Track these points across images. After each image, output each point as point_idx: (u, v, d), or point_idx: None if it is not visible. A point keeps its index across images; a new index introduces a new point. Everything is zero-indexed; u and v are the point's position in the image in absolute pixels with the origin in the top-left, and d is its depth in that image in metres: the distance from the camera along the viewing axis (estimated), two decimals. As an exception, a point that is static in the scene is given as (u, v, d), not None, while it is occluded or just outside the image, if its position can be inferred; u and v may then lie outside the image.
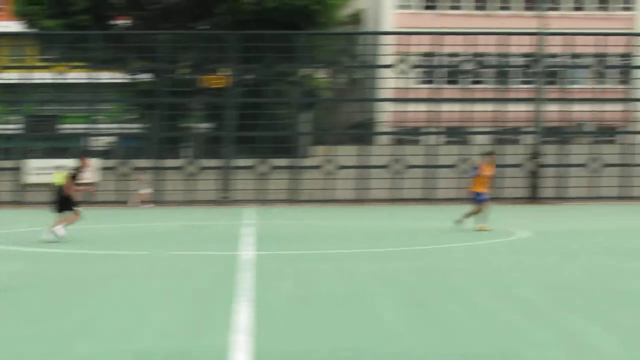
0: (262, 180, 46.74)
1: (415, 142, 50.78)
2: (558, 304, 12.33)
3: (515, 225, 27.70)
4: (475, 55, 49.42)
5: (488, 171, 26.26)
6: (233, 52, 46.81)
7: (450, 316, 11.38)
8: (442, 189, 46.80)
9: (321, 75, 57.84)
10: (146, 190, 45.68)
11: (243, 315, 11.21)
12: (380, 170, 46.74)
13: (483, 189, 26.23)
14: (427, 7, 55.72)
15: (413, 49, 49.27)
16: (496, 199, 46.26)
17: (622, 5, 55.92)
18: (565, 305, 12.29)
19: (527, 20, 52.57)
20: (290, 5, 50.61)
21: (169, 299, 12.88)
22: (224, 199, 46.00)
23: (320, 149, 47.54)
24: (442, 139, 50.43)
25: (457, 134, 50.14)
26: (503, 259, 18.46)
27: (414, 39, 48.58)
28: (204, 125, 51.83)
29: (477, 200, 26.21)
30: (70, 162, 32.13)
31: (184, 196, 46.37)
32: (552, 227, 26.47)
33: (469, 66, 49.20)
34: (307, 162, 47.40)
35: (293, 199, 46.40)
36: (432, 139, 48.40)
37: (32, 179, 46.73)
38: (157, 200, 45.96)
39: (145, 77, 51.45)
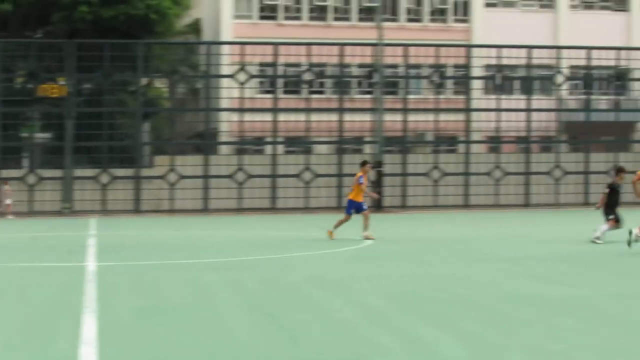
0: (104, 191, 45.98)
1: (258, 152, 50.77)
2: (404, 311, 12.46)
3: (360, 234, 27.88)
4: (315, 65, 49.72)
5: (365, 180, 26.47)
6: (70, 61, 45.90)
7: (298, 324, 11.36)
8: (284, 198, 46.89)
9: (161, 84, 57.38)
10: (9, 201, 44.27)
11: (88, 327, 10.97)
12: (223, 180, 46.52)
13: (362, 199, 26.37)
14: (266, 17, 55.82)
15: (252, 59, 49.29)
16: (340, 208, 46.67)
17: (458, 17, 57.18)
18: (411, 312, 12.43)
19: (365, 31, 53.20)
20: (127, 15, 50.07)
21: (14, 311, 12.51)
22: (66, 210, 45.02)
23: (163, 159, 47.05)
24: (284, 148, 50.54)
25: (298, 144, 50.33)
26: (349, 267, 18.56)
27: (253, 48, 48.60)
28: (42, 135, 50.64)
29: (361, 209, 26.26)
30: None
31: (27, 207, 45.17)
32: (397, 235, 26.81)
33: (308, 76, 49.44)
34: (150, 172, 46.84)
35: (136, 210, 45.76)
36: (274, 149, 48.41)
37: None
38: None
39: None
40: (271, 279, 16.22)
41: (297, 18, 55.99)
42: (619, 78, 53.29)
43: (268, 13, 55.75)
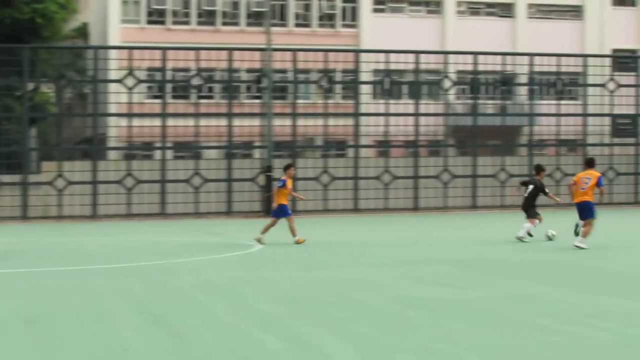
0: (-10, 197, 45.10)
1: (147, 157, 50.31)
2: (295, 315, 12.47)
3: (250, 238, 27.86)
4: (204, 70, 49.50)
5: (289, 184, 26.34)
6: (-47, 66, 44.98)
7: (187, 330, 11.30)
8: (174, 203, 46.57)
9: (48, 89, 56.49)
10: None
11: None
12: (111, 185, 46.00)
13: (286, 202, 26.28)
14: (154, 22, 55.43)
15: (141, 64, 48.87)
16: (230, 213, 46.59)
17: (346, 23, 57.55)
18: (302, 316, 12.44)
19: (254, 36, 53.24)
20: (13, 19, 49.23)
21: None
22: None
23: (50, 165, 46.30)
24: (173, 153, 50.21)
25: (187, 149, 50.03)
26: (239, 272, 18.52)
27: (141, 53, 48.20)
28: None
29: (286, 214, 26.18)
30: None
31: None
32: (287, 239, 26.78)
33: (197, 81, 49.20)
34: (37, 178, 46.06)
35: (24, 216, 44.95)
36: (163, 154, 48.00)
37: None
38: None
39: None
40: (161, 285, 16.09)
41: (186, 23, 55.72)
42: (505, 83, 54.19)
43: (156, 18, 55.37)
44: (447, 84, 52.08)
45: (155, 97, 50.39)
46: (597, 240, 23.83)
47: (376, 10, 57.79)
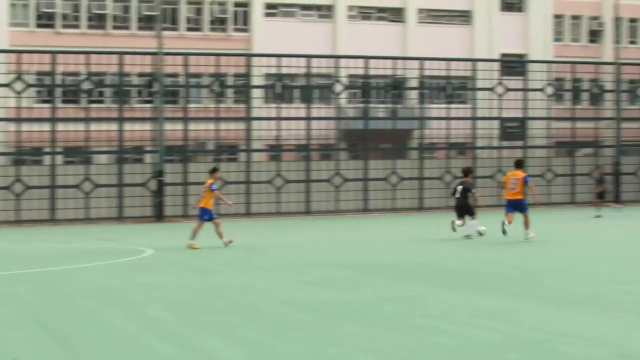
0: None
1: (36, 163, 49.50)
2: (185, 320, 12.47)
3: (142, 244, 27.69)
4: (94, 74, 48.93)
5: (216, 187, 26.37)
6: None
7: (77, 336, 11.22)
8: (64, 209, 45.91)
9: None
10: None
11: None
12: (0, 191, 45.21)
13: (212, 206, 26.24)
14: (43, 26, 54.54)
15: (30, 68, 48.12)
16: (121, 219, 46.14)
17: (238, 27, 57.45)
18: (192, 321, 12.45)
19: (145, 40, 52.77)
20: None
21: None
22: None
23: None
24: (63, 158, 49.50)
25: (77, 154, 49.39)
26: (130, 278, 18.41)
27: (30, 57, 47.45)
28: None
29: (211, 217, 26.09)
30: None
31: None
32: (179, 244, 26.70)
33: (87, 85, 48.63)
34: None
35: None
36: (53, 159, 47.29)
37: None
38: None
39: None
40: (51, 292, 15.91)
41: (76, 26, 55.00)
42: (396, 87, 54.71)
43: (45, 21, 54.53)
44: (338, 88, 52.37)
45: (45, 101, 49.61)
46: (479, 242, 24.25)
47: (268, 15, 57.82)
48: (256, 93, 51.44)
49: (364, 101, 52.88)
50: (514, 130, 56.22)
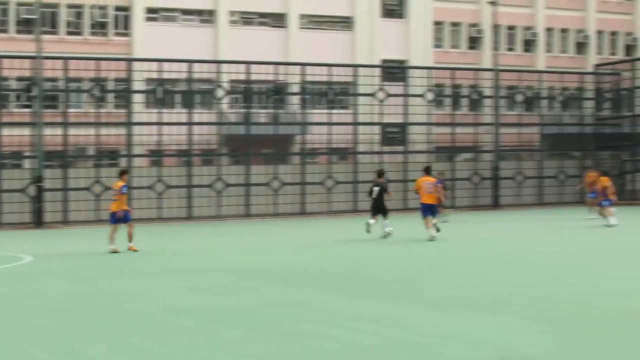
0: None
1: None
2: (66, 328, 12.38)
3: (21, 250, 27.25)
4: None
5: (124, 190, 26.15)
6: None
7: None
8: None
9: None
10: None
11: None
12: None
13: (127, 207, 26.10)
14: None
15: None
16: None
17: (119, 31, 56.88)
18: (73, 328, 12.36)
19: (24, 44, 51.91)
20: None
21: None
22: None
23: None
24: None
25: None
26: (9, 285, 18.14)
27: None
28: None
29: (127, 218, 25.86)
30: None
31: None
32: (58, 250, 26.36)
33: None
34: None
35: None
36: None
37: None
38: None
39: None
40: None
41: (-50, 29, 53.88)
42: (277, 92, 54.88)
43: None
44: (220, 93, 52.31)
45: None
46: (366, 245, 24.46)
47: (149, 19, 57.39)
48: (137, 98, 51.02)
49: (245, 106, 52.94)
50: (394, 135, 56.91)
